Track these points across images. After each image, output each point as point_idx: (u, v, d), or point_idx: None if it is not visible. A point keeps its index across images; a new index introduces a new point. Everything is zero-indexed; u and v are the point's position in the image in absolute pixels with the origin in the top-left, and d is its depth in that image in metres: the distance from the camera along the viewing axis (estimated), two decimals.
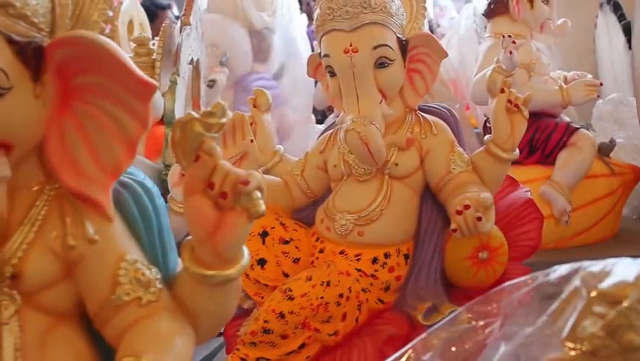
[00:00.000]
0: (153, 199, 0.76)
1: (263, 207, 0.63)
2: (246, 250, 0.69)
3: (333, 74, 1.24)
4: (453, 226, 1.10)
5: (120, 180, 0.74)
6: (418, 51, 1.26)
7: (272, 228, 1.28)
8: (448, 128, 1.29)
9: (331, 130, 1.36)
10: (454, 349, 0.67)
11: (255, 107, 1.39)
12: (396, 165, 1.25)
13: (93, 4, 0.72)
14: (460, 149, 1.27)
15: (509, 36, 1.78)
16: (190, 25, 1.89)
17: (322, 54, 1.25)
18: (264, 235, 1.28)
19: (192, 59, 1.92)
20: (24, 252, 0.69)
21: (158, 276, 0.73)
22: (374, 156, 1.19)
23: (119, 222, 0.73)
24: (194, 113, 0.63)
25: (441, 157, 1.25)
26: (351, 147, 1.20)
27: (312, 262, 1.28)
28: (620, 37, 2.51)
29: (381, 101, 1.22)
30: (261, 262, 1.26)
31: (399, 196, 1.26)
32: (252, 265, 1.25)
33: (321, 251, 1.28)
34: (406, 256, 1.26)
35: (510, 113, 1.22)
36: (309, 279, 1.21)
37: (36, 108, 0.68)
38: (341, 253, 1.26)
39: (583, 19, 2.48)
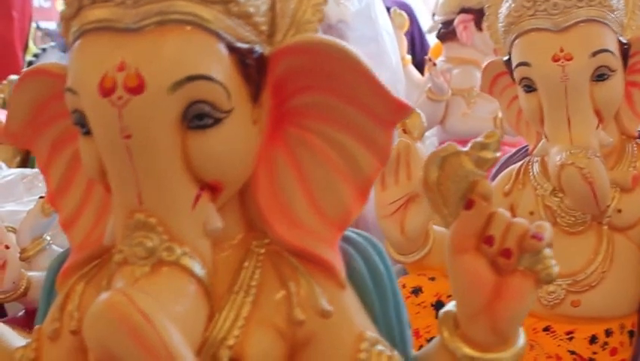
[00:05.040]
0: (384, 259, 0.61)
1: (556, 268, 0.52)
2: (521, 329, 0.56)
3: (530, 88, 0.94)
4: None
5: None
6: None
7: (448, 296, 0.96)
8: None
9: (518, 164, 1.04)
10: None
11: (404, 132, 1.07)
12: (619, 211, 0.95)
13: None
14: None
15: None
16: None
17: (516, 62, 0.94)
18: (438, 305, 0.96)
19: None
20: (241, 330, 0.55)
21: None
22: (598, 200, 0.89)
23: (350, 289, 0.59)
24: (457, 145, 0.52)
25: None
26: (569, 188, 0.90)
27: None
28: None
29: (598, 126, 0.93)
30: None
31: (623, 254, 0.96)
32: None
33: None
34: (631, 333, 0.96)
35: None
36: None
37: (253, 137, 0.54)
38: (546, 329, 0.95)
39: None
